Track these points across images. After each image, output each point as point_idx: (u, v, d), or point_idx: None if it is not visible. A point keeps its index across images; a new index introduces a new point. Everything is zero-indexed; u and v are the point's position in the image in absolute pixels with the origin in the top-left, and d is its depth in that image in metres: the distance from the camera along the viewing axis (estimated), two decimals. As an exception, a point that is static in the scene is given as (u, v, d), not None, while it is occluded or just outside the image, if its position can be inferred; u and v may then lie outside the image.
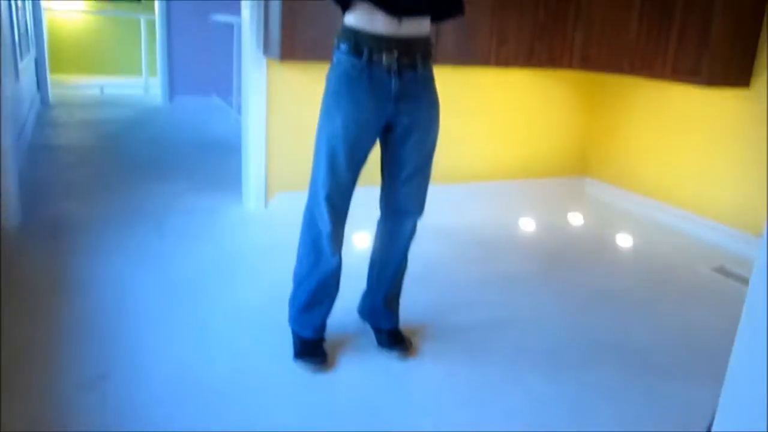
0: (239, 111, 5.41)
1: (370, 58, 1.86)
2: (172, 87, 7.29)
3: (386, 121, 1.95)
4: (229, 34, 6.69)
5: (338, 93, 1.91)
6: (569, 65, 3.75)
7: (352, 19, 1.89)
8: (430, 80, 2.00)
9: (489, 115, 4.04)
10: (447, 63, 3.43)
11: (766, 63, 3.27)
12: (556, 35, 3.67)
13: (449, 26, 3.36)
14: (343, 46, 1.90)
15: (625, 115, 4.12)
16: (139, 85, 8.15)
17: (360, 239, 3.17)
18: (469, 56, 3.47)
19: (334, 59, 1.95)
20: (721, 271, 3.14)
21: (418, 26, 1.91)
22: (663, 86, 3.80)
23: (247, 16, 3.39)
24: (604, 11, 3.62)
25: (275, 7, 3.12)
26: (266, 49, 3.34)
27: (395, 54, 1.87)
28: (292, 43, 3.10)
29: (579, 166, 4.43)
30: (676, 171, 3.80)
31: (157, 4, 7.11)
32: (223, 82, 7.12)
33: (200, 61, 7.23)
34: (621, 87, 4.11)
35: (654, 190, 3.94)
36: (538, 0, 3.56)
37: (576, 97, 4.28)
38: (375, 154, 2.01)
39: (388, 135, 2.01)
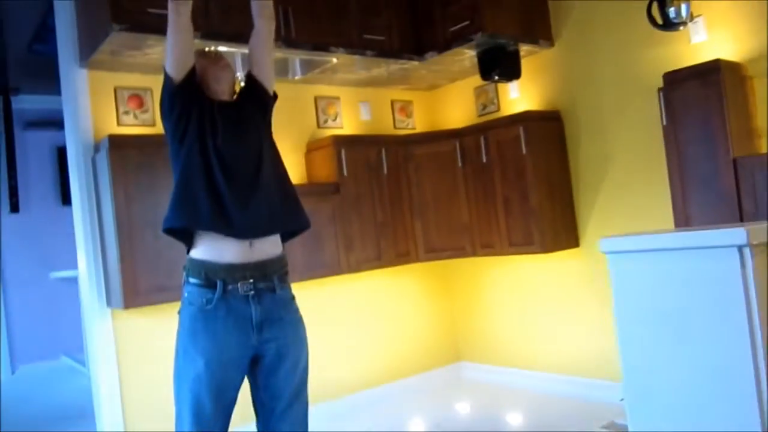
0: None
1: (224, 290, 1.76)
2: (13, 357, 6.65)
3: (252, 353, 1.82)
4: (74, 288, 6.37)
5: (194, 332, 1.77)
6: (417, 259, 3.89)
7: (199, 251, 1.81)
8: (290, 299, 1.94)
9: (350, 323, 3.98)
10: (298, 280, 3.42)
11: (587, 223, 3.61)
12: (398, 232, 3.83)
13: (295, 242, 3.40)
14: (194, 280, 1.80)
15: (481, 293, 4.27)
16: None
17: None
18: (319, 268, 3.49)
19: (185, 294, 1.82)
20: (611, 427, 3.13)
21: (271, 247, 1.88)
22: (508, 259, 4.02)
23: (84, 268, 3.24)
24: (435, 202, 3.87)
25: (113, 256, 3.02)
26: (109, 300, 3.17)
27: (251, 280, 1.80)
28: (134, 290, 2.96)
29: (451, 352, 4.43)
30: (538, 338, 3.91)
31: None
32: (72, 340, 6.62)
33: (44, 324, 6.74)
34: (472, 267, 4.30)
35: (525, 361, 4.00)
36: (374, 201, 3.75)
37: (432, 286, 4.39)
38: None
39: (256, 367, 1.86)
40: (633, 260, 2.25)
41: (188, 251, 1.87)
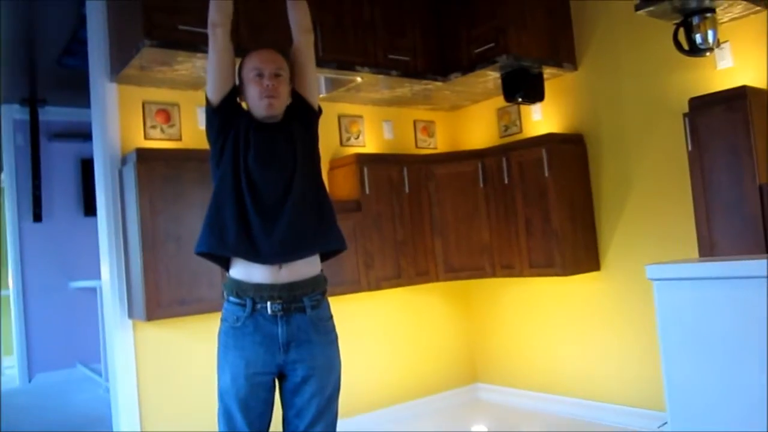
0: (107, 379, 5.02)
1: (253, 308, 1.82)
2: (31, 365, 6.70)
3: (277, 369, 1.86)
4: (92, 298, 6.43)
5: (226, 346, 1.85)
6: (436, 278, 3.88)
7: (234, 270, 1.88)
8: (324, 319, 1.95)
9: (368, 341, 3.97)
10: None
11: (608, 245, 3.59)
12: (418, 251, 3.83)
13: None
14: (230, 298, 1.87)
15: (500, 314, 4.25)
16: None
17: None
18: (339, 285, 3.49)
19: (222, 311, 1.90)
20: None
21: (304, 268, 1.89)
22: (527, 281, 4.00)
23: (108, 279, 3.27)
24: (456, 221, 3.88)
25: (136, 268, 3.05)
26: (131, 312, 3.20)
27: (280, 301, 1.82)
28: (157, 302, 2.98)
29: (468, 373, 4.40)
30: (556, 361, 3.88)
31: (11, 277, 6.77)
32: (88, 350, 6.67)
33: (62, 333, 6.79)
34: (491, 288, 4.28)
35: (543, 384, 3.96)
36: (395, 220, 3.76)
37: (451, 306, 4.38)
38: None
39: (282, 384, 1.90)
40: (679, 287, 2.24)
41: (227, 269, 1.92)
